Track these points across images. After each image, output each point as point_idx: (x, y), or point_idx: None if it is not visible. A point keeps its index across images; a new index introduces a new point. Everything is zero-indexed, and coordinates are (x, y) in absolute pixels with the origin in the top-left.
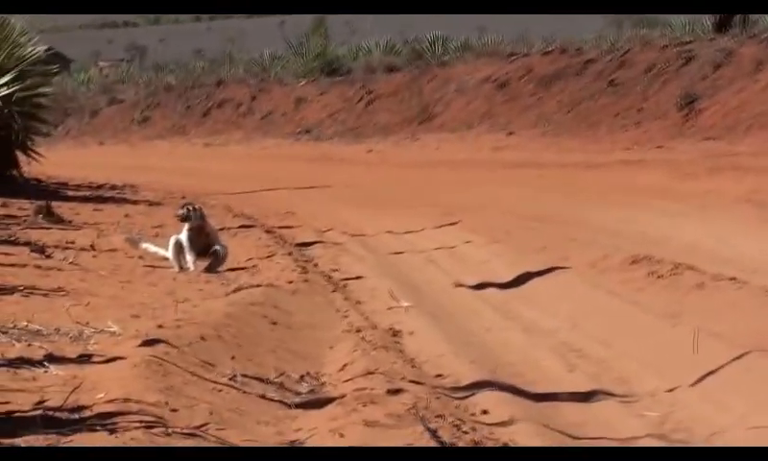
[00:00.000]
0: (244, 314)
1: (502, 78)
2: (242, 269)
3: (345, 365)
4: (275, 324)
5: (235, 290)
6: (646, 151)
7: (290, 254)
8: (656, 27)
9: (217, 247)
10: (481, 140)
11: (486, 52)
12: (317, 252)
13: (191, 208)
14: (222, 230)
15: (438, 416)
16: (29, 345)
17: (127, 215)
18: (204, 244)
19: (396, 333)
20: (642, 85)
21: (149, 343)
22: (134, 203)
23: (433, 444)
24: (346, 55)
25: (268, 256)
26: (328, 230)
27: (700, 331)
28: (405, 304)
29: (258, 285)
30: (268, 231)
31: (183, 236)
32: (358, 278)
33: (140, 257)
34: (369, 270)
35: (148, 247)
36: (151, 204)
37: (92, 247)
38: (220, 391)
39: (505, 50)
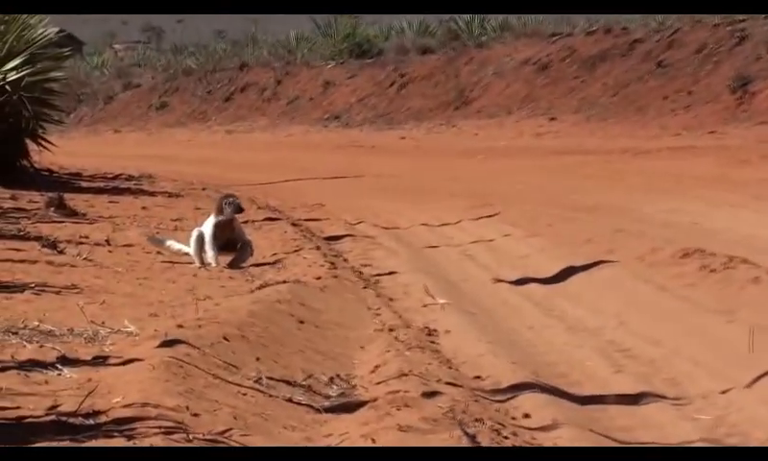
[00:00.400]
0: (269, 312)
1: (543, 59)
2: (267, 264)
3: (377, 366)
4: (302, 323)
5: (260, 287)
6: (697, 136)
7: (318, 248)
8: None
9: (244, 241)
10: (521, 126)
11: (526, 32)
12: (347, 246)
13: (229, 201)
14: (245, 223)
15: (476, 420)
16: (41, 346)
17: (144, 208)
18: (228, 239)
19: (431, 332)
20: (693, 67)
21: (168, 343)
22: (152, 194)
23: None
24: (377, 35)
25: (295, 251)
26: (359, 222)
27: (756, 329)
28: (441, 301)
29: (284, 282)
30: (294, 224)
31: (207, 229)
32: (391, 273)
33: (158, 253)
34: (402, 265)
35: (172, 245)
36: (170, 195)
37: (107, 242)
38: (244, 394)
39: (546, 30)
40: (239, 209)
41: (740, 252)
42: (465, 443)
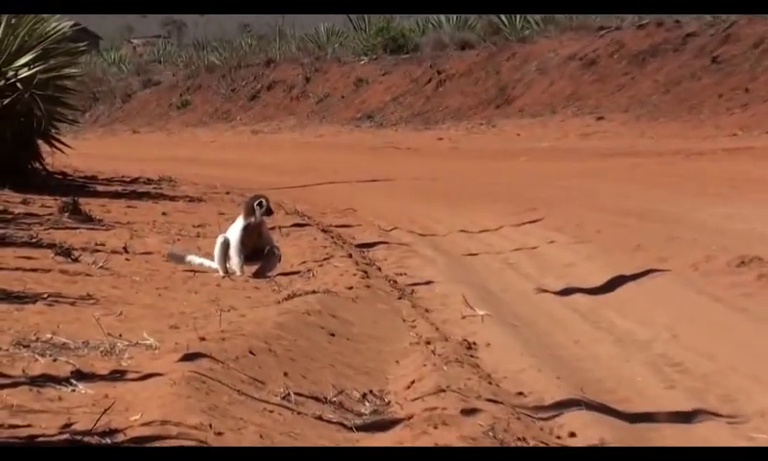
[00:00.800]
0: (298, 324)
1: (590, 55)
2: (295, 273)
3: (413, 382)
4: (333, 335)
5: (288, 297)
6: (755, 137)
7: (350, 256)
8: None
9: (272, 246)
10: (566, 126)
11: (572, 25)
12: (380, 253)
13: (260, 202)
14: (272, 229)
15: (519, 439)
16: (54, 360)
17: (164, 213)
18: (255, 246)
19: (470, 346)
20: (750, 63)
21: (190, 357)
22: (173, 198)
23: None
24: (412, 29)
25: (325, 259)
26: (393, 228)
27: None
28: (481, 313)
29: (314, 292)
30: (324, 231)
31: (234, 234)
32: (427, 283)
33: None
34: (439, 274)
35: (193, 259)
36: (191, 199)
37: (125, 249)
38: (271, 412)
39: (593, 23)
40: (269, 212)
41: None
42: None
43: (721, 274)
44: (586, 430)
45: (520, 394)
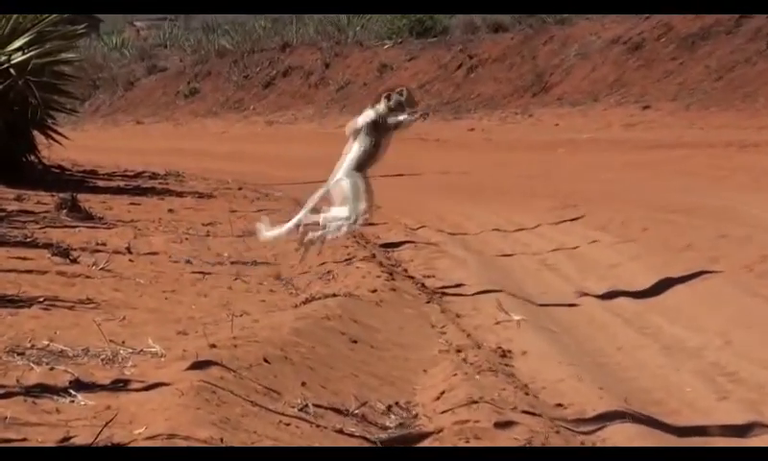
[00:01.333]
0: (317, 330)
1: (635, 38)
2: (314, 275)
3: (442, 392)
4: (355, 342)
5: (306, 301)
6: None
7: (373, 256)
8: None
9: None
10: (609, 115)
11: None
12: (406, 254)
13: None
14: None
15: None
16: (51, 369)
17: (171, 210)
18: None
19: (505, 353)
20: None
21: (199, 366)
22: (180, 195)
23: None
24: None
25: (346, 260)
26: (421, 227)
27: None
28: (517, 318)
29: (334, 295)
30: None
31: (358, 147)
32: (458, 285)
33: (188, 262)
34: (471, 276)
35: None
36: (200, 196)
37: (128, 249)
38: (287, 425)
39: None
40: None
41: None
42: None
43: None
44: (631, 445)
45: (560, 405)
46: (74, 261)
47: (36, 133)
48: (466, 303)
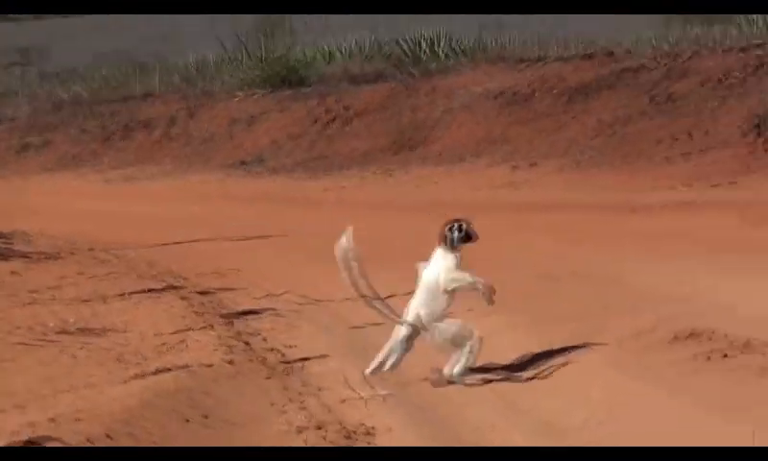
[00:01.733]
0: (165, 404)
1: (523, 90)
2: (163, 345)
3: None
4: (206, 417)
5: (155, 372)
6: (706, 188)
7: (231, 324)
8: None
9: None
10: (492, 173)
11: (502, 55)
12: (266, 322)
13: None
14: (139, 292)
15: None
16: None
17: (13, 272)
18: None
19: (369, 431)
20: (700, 102)
21: (34, 443)
22: (25, 256)
23: None
24: (314, 58)
25: (201, 328)
26: (283, 292)
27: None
28: (383, 393)
29: (186, 366)
30: (202, 293)
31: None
32: (321, 357)
33: (29, 328)
34: (335, 347)
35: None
36: (47, 257)
37: None
38: None
39: (523, 54)
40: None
41: (759, 333)
42: None
43: (664, 349)
44: None
45: None
46: None
47: None
48: (329, 375)
